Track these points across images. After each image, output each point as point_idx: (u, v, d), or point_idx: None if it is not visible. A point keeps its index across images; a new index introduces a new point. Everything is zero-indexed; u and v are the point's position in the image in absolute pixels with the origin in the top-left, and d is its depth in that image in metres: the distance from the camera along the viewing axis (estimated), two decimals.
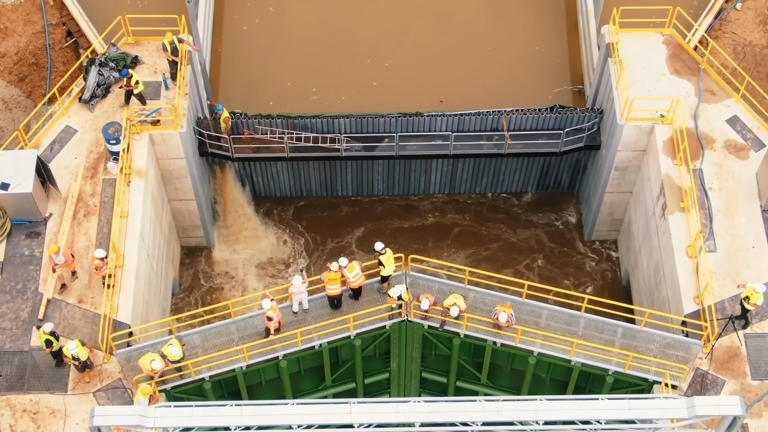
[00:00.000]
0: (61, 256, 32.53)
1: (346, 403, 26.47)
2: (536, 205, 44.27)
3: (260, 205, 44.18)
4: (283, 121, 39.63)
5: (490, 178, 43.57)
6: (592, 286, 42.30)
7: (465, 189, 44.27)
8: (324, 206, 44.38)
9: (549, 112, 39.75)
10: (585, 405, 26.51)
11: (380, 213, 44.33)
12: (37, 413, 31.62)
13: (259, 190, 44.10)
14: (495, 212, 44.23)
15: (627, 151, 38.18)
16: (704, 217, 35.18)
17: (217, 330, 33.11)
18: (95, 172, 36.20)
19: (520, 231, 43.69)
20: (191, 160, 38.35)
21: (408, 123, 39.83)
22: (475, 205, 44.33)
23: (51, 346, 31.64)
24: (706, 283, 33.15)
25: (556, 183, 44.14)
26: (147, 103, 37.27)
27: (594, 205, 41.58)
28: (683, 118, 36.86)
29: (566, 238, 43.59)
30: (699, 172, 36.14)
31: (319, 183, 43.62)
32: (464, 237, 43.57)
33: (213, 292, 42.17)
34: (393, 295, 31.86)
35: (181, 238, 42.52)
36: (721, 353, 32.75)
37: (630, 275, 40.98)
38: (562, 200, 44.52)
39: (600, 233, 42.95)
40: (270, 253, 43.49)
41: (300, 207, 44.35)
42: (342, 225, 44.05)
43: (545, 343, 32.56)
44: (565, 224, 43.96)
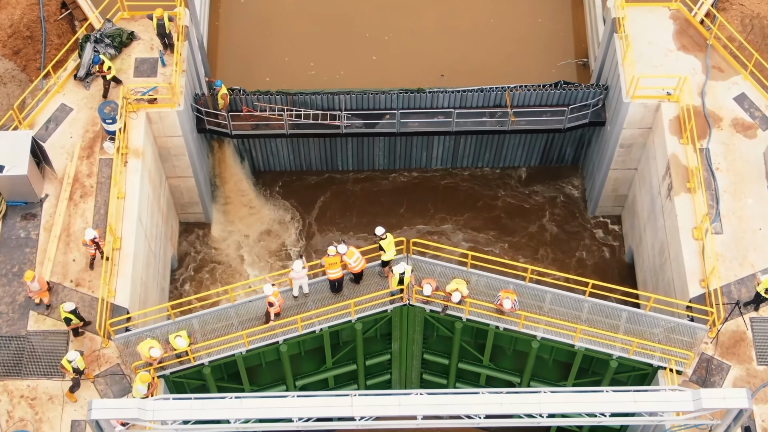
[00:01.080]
0: (35, 283, 31.54)
1: (347, 395, 26.11)
2: (539, 180, 43.69)
3: (259, 180, 43.61)
4: (282, 97, 38.92)
5: (492, 153, 42.96)
6: (595, 262, 41.86)
7: (467, 163, 43.68)
8: (324, 181, 43.79)
9: (553, 88, 39.02)
10: (589, 398, 26.23)
11: (381, 187, 43.74)
12: (35, 399, 31.27)
13: (258, 165, 43.52)
14: (498, 185, 43.67)
15: (632, 129, 37.53)
16: (711, 198, 34.61)
17: (216, 314, 32.62)
18: (91, 151, 35.57)
19: (522, 204, 43.14)
20: (189, 137, 37.71)
21: (409, 99, 39.12)
22: (478, 178, 43.75)
23: (70, 324, 31.33)
24: (712, 267, 32.66)
25: (559, 158, 43.54)
26: (123, 83, 36.64)
27: (598, 181, 41.00)
28: (690, 96, 36.19)
29: (569, 213, 43.06)
30: (706, 152, 35.52)
31: (319, 158, 43.02)
32: (466, 208, 43.09)
33: (212, 268, 41.71)
34: (396, 272, 31.27)
35: (179, 215, 41.98)
36: (727, 338, 32.32)
37: (634, 252, 40.50)
38: (566, 174, 43.93)
39: (604, 209, 42.42)
40: (269, 227, 42.99)
41: (299, 182, 43.77)
42: (342, 200, 43.50)
43: (549, 329, 32.11)
44: (569, 199, 43.40)
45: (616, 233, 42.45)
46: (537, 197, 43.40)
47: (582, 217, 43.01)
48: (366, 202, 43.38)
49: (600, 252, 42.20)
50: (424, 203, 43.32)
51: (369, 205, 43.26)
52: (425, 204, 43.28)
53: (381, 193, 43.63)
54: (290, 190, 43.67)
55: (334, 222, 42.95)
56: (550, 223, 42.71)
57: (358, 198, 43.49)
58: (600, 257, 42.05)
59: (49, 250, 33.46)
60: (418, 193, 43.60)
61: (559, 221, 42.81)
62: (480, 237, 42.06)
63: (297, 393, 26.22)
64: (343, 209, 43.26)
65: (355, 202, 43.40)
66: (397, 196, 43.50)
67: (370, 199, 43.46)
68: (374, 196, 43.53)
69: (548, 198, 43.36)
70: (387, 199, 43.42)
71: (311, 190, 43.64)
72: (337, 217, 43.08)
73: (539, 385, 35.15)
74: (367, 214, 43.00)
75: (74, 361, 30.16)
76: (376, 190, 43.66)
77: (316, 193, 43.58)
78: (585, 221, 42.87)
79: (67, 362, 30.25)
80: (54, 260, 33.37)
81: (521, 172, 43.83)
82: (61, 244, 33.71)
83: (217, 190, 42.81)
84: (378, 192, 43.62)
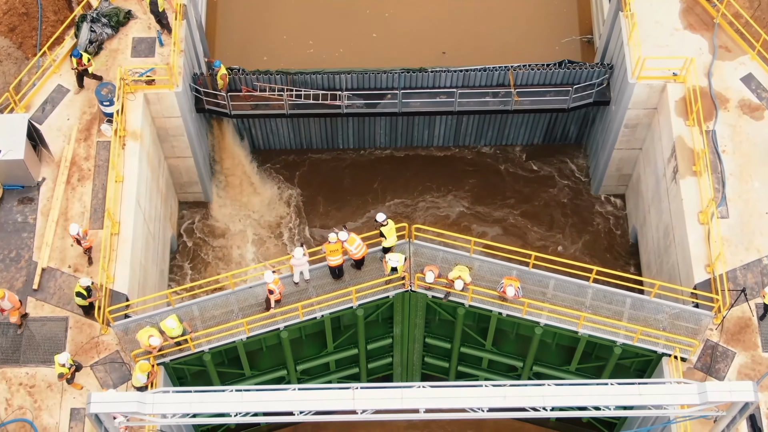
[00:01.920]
0: (6, 301, 30.74)
1: (348, 388, 25.79)
2: (542, 158, 43.19)
3: (259, 158, 43.10)
4: (282, 77, 38.32)
5: (495, 132, 42.43)
6: (598, 241, 41.47)
7: (469, 142, 43.14)
8: (325, 159, 43.28)
9: (557, 67, 38.40)
10: (594, 390, 25.83)
11: (382, 165, 43.24)
12: (34, 387, 31.00)
13: (258, 144, 43.01)
14: (500, 163, 43.17)
15: (637, 109, 37.00)
16: (716, 181, 34.14)
17: (217, 301, 32.28)
18: (89, 134, 35.06)
19: (526, 183, 42.69)
20: (188, 118, 37.19)
21: (411, 79, 38.52)
22: (480, 155, 43.25)
23: (85, 299, 31.07)
24: (717, 253, 32.25)
25: (563, 136, 43.02)
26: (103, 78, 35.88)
27: (602, 160, 40.51)
28: (696, 76, 35.60)
29: (573, 192, 42.62)
30: (712, 134, 34.99)
31: (320, 137, 42.52)
32: (469, 185, 42.70)
33: (211, 248, 41.33)
34: (389, 265, 30.91)
35: (178, 194, 41.52)
36: (732, 324, 31.99)
37: (638, 233, 40.09)
38: (569, 153, 43.40)
39: (608, 188, 41.96)
40: (269, 206, 42.55)
41: (300, 160, 43.27)
42: (344, 178, 43.02)
43: (552, 315, 31.77)
44: (572, 178, 42.93)
45: (619, 213, 42.02)
46: (540, 175, 42.91)
47: (585, 196, 42.54)
48: (367, 179, 42.91)
49: (603, 231, 41.79)
50: (426, 178, 42.87)
51: (370, 183, 42.80)
52: (426, 178, 42.85)
53: (382, 169, 43.14)
54: (290, 169, 43.18)
55: (335, 200, 42.51)
56: (554, 202, 42.29)
57: (360, 175, 43.00)
58: (603, 237, 41.66)
59: (47, 235, 33.06)
60: (419, 168, 43.12)
61: (562, 200, 42.39)
62: (484, 216, 41.66)
63: (298, 386, 25.85)
64: (344, 187, 42.80)
65: (357, 180, 42.92)
66: (398, 172, 43.02)
67: (371, 176, 42.98)
68: (375, 173, 43.04)
69: (551, 177, 42.89)
70: (388, 176, 42.96)
71: (311, 168, 43.13)
72: (338, 196, 42.61)
73: (542, 369, 34.92)
74: (368, 191, 42.58)
75: (67, 361, 29.81)
76: (377, 167, 43.16)
77: (316, 172, 43.09)
78: (588, 200, 42.41)
79: (60, 366, 29.81)
80: (52, 245, 32.97)
81: (524, 149, 43.28)
82: (58, 229, 33.29)
83: (217, 169, 42.31)
84: (379, 169, 43.14)
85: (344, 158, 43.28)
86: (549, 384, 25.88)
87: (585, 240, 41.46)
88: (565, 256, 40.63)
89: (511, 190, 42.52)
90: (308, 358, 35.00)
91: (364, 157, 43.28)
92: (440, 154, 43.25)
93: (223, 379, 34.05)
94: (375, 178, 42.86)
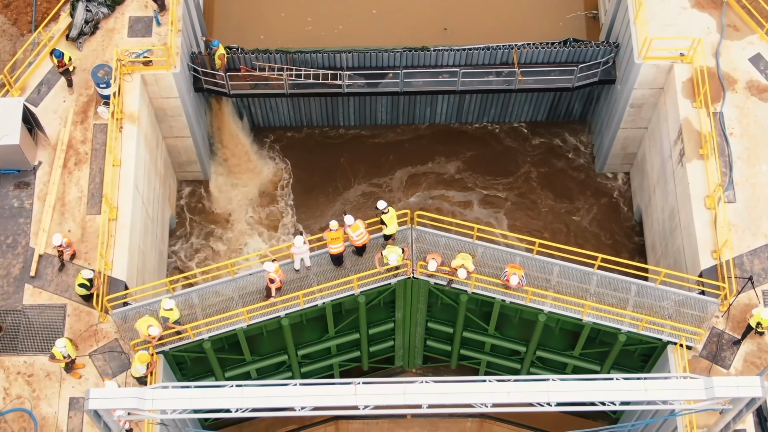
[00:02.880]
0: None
1: (350, 383, 25.46)
2: (546, 135, 42.58)
3: (259, 135, 42.52)
4: (281, 56, 37.62)
5: (498, 109, 41.82)
6: (602, 220, 40.99)
7: (472, 119, 42.52)
8: (325, 137, 42.67)
9: (562, 45, 37.69)
10: (599, 386, 25.47)
11: (383, 142, 42.64)
12: (32, 376, 30.66)
13: (258, 121, 42.41)
14: (505, 138, 42.59)
15: (644, 89, 36.36)
16: (724, 164, 33.58)
17: (216, 288, 31.88)
18: (85, 116, 34.44)
19: (529, 160, 42.14)
20: (186, 98, 36.57)
21: (413, 57, 37.85)
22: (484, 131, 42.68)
23: (88, 289, 30.73)
24: (725, 239, 31.77)
25: (567, 113, 42.40)
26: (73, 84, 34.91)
27: (607, 139, 39.93)
28: (704, 56, 34.92)
29: (577, 170, 42.06)
30: (719, 116, 34.37)
31: (320, 115, 41.90)
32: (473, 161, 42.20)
33: (210, 228, 40.88)
34: (389, 261, 30.45)
35: (177, 173, 40.98)
36: (738, 311, 31.58)
37: (643, 213, 39.59)
38: (574, 129, 42.78)
39: (612, 166, 41.42)
40: (268, 183, 42.02)
41: (300, 137, 42.68)
42: (344, 155, 42.44)
43: (556, 304, 31.35)
44: (576, 155, 42.36)
45: (624, 191, 41.51)
46: (544, 153, 42.32)
47: (590, 174, 41.99)
48: (368, 155, 42.36)
49: (607, 210, 41.29)
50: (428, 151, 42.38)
51: (372, 159, 42.27)
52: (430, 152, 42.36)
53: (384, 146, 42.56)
54: (290, 146, 42.59)
55: (335, 178, 41.97)
56: (558, 180, 41.75)
57: (360, 152, 42.42)
58: (607, 215, 41.16)
59: (44, 221, 32.57)
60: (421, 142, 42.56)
61: (566, 178, 41.85)
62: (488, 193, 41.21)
63: (299, 381, 25.52)
64: (345, 165, 42.24)
65: (357, 157, 42.36)
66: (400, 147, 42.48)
67: (372, 153, 42.42)
68: (377, 150, 42.48)
69: (555, 154, 42.30)
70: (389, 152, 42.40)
71: (312, 145, 42.55)
72: (339, 173, 42.08)
73: (545, 354, 34.61)
74: (369, 167, 42.05)
75: (64, 348, 29.43)
76: (378, 143, 42.57)
77: (316, 149, 42.51)
78: (593, 178, 41.87)
79: (57, 353, 29.49)
80: (49, 231, 32.48)
81: (528, 126, 42.68)
82: (55, 215, 32.81)
83: (216, 147, 41.73)
84: (381, 145, 42.56)
85: (345, 135, 42.65)
86: (553, 379, 25.54)
87: (589, 220, 40.96)
88: (570, 233, 40.31)
89: (514, 166, 41.96)
90: (309, 342, 34.67)
91: (366, 134, 42.65)
92: (443, 129, 42.63)
93: (224, 364, 33.76)
94: (377, 154, 42.29)
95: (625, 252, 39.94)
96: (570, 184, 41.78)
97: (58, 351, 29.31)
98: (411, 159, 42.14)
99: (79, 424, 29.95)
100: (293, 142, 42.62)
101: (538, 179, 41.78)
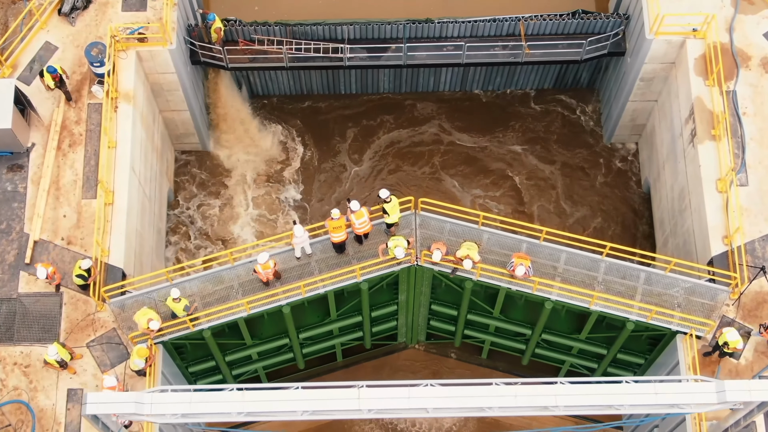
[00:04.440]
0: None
1: (353, 386, 24.88)
2: (553, 103, 41.57)
3: (258, 104, 41.50)
4: (281, 28, 36.47)
5: (504, 78, 40.77)
6: (610, 191, 40.19)
7: (477, 87, 41.46)
8: (326, 105, 41.63)
9: (570, 17, 36.49)
10: (608, 389, 24.96)
11: (386, 111, 41.62)
12: (29, 367, 30.11)
13: (257, 90, 41.35)
14: (511, 106, 41.62)
15: (654, 64, 35.30)
16: (736, 146, 32.64)
17: (216, 276, 31.16)
18: (79, 95, 33.41)
19: (536, 128, 41.21)
20: (182, 72, 35.53)
21: (417, 29, 36.69)
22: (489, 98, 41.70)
23: (83, 279, 30.05)
24: (736, 226, 30.98)
25: (574, 81, 41.32)
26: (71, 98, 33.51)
27: (615, 111, 38.96)
28: (717, 32, 33.78)
29: (584, 140, 41.15)
30: (732, 95, 33.33)
31: (321, 85, 40.88)
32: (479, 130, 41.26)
33: (209, 201, 40.06)
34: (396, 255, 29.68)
35: (174, 144, 40.07)
36: (749, 299, 30.91)
37: (651, 187, 38.75)
38: (581, 98, 41.76)
39: (620, 137, 40.50)
40: (268, 153, 41.11)
41: (300, 106, 41.65)
42: (346, 124, 41.47)
43: (563, 293, 30.65)
44: (584, 124, 41.40)
45: (632, 162, 40.61)
46: (550, 121, 41.36)
47: (598, 144, 41.08)
48: (369, 125, 41.40)
49: (615, 181, 40.44)
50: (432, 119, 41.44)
51: (374, 130, 41.32)
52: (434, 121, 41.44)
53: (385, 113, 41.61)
54: (291, 114, 41.58)
55: (336, 149, 41.06)
56: (566, 150, 40.86)
57: (361, 121, 41.44)
58: (615, 186, 40.32)
59: (38, 206, 31.76)
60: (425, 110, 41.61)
61: (573, 148, 40.96)
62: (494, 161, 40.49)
63: (301, 384, 24.91)
64: (346, 135, 41.32)
65: (358, 126, 41.39)
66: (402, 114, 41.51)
67: (375, 122, 41.47)
68: (378, 118, 41.50)
69: (562, 122, 41.33)
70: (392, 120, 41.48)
71: (312, 114, 41.55)
72: (340, 143, 41.15)
73: (551, 337, 34.04)
74: (370, 138, 41.12)
75: (57, 354, 28.84)
76: (380, 112, 41.58)
77: (317, 118, 41.52)
78: (601, 148, 40.95)
79: (51, 360, 28.94)
80: (44, 216, 31.68)
81: (534, 94, 41.66)
82: (50, 199, 32.00)
83: (214, 118, 40.70)
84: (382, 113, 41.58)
85: (347, 104, 41.62)
86: (561, 382, 24.97)
87: (596, 191, 40.16)
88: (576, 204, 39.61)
89: (519, 137, 41.05)
90: (311, 325, 34.08)
91: (368, 102, 41.62)
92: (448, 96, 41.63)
93: (224, 349, 33.24)
94: (379, 124, 41.34)
95: (632, 225, 39.28)
96: (575, 155, 40.88)
97: (51, 359, 28.73)
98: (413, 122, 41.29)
99: (78, 416, 29.47)
100: (293, 110, 41.60)
101: (542, 151, 40.92)
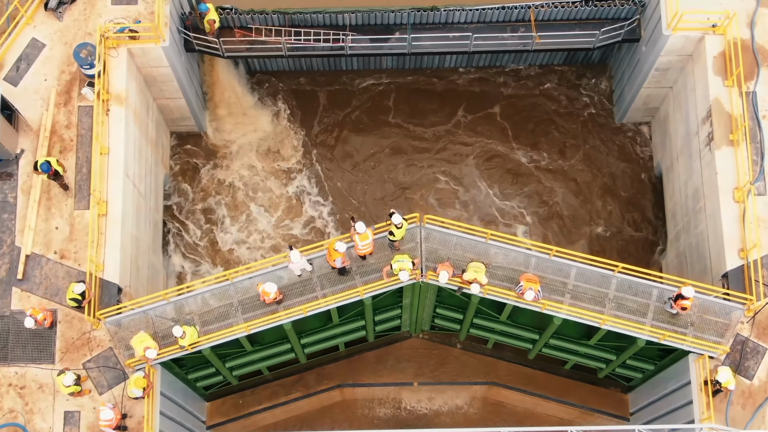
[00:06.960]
0: None
1: None
2: (563, 80, 40.07)
3: (256, 82, 39.98)
4: (279, 16, 34.74)
5: (512, 56, 39.11)
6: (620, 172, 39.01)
7: (484, 63, 39.83)
8: (327, 83, 40.09)
9: (583, 4, 34.72)
10: None
11: (388, 90, 40.12)
12: (24, 388, 29.43)
13: (254, 67, 39.78)
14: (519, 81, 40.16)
15: (671, 56, 33.77)
16: (755, 151, 31.31)
17: (215, 293, 30.14)
18: (69, 97, 31.94)
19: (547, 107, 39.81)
20: (176, 64, 34.04)
21: (421, 17, 34.97)
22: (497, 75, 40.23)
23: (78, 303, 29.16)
24: (753, 240, 29.92)
25: (586, 58, 39.70)
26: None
27: (628, 95, 37.55)
28: (737, 28, 32.13)
29: (596, 121, 39.76)
30: (752, 96, 31.85)
31: (322, 64, 39.33)
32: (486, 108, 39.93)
33: (206, 186, 38.90)
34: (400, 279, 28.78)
35: (170, 127, 38.67)
36: (764, 317, 30.03)
37: (663, 174, 37.52)
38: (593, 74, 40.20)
39: (633, 118, 39.08)
40: (266, 134, 39.75)
41: (299, 84, 40.10)
42: (347, 104, 39.99)
43: (572, 314, 29.67)
44: (596, 103, 39.93)
45: (645, 143, 39.27)
46: (562, 98, 39.87)
47: (610, 124, 39.67)
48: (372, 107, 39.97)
49: (625, 161, 39.17)
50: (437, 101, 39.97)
51: (375, 112, 39.87)
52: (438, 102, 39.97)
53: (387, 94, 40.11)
54: (289, 92, 40.06)
55: (335, 130, 39.66)
56: (579, 129, 39.55)
57: (364, 102, 39.97)
58: (625, 166, 39.08)
59: (29, 217, 30.62)
60: (429, 92, 40.10)
61: (586, 126, 39.63)
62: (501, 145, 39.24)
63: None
64: (346, 114, 39.89)
65: (360, 107, 39.94)
66: (406, 96, 40.02)
67: (376, 104, 40.01)
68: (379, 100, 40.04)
69: (573, 100, 39.89)
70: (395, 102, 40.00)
71: (312, 93, 40.02)
72: (339, 124, 39.74)
73: (560, 342, 33.26)
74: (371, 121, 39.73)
75: (73, 382, 28.28)
76: (382, 92, 40.08)
77: (317, 96, 40.02)
78: (613, 129, 39.55)
79: (65, 388, 28.39)
80: (35, 229, 30.56)
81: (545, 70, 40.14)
82: (41, 210, 30.85)
83: (210, 98, 39.19)
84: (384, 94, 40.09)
85: (348, 84, 40.08)
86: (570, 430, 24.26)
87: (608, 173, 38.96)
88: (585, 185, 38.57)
89: (529, 115, 39.66)
90: (313, 330, 33.25)
91: (370, 83, 40.06)
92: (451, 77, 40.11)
93: (224, 357, 32.53)
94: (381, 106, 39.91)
95: (642, 207, 38.45)
96: (587, 134, 39.55)
97: (66, 387, 28.21)
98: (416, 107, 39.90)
99: None
100: (292, 88, 40.07)
101: (554, 132, 39.59)
